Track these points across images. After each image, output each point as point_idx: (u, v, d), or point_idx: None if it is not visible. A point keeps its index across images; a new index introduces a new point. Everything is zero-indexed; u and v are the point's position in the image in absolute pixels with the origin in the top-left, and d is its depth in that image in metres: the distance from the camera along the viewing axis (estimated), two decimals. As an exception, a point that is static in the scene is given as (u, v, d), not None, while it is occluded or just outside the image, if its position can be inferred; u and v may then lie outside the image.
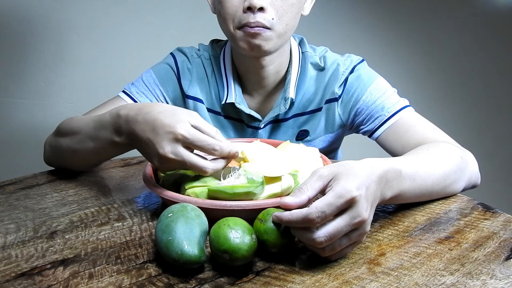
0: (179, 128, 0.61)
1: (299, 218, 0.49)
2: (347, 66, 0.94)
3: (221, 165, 0.64)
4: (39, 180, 0.82)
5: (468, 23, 2.08)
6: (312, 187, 0.52)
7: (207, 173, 0.62)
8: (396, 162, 0.61)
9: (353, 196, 0.49)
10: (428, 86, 2.11)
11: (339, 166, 0.54)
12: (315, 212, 0.48)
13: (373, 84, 0.92)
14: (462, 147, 0.80)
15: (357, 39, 1.91)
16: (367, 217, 0.51)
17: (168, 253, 0.50)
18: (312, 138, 0.98)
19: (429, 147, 0.74)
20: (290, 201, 0.51)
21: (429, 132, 0.84)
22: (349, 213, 0.50)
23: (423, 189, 0.66)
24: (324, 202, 0.49)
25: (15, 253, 0.56)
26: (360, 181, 0.51)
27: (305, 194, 0.51)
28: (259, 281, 0.50)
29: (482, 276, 0.50)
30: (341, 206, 0.49)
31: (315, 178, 0.53)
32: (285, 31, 0.85)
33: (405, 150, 0.84)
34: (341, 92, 0.94)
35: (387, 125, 0.89)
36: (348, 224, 0.50)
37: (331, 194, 0.50)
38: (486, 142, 2.15)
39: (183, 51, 1.00)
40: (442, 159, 0.71)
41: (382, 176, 0.56)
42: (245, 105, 0.95)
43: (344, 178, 0.51)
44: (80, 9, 1.55)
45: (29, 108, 1.57)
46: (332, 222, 0.50)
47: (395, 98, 0.91)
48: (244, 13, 0.81)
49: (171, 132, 0.61)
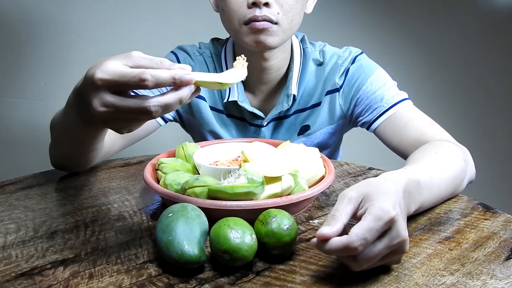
0: (97, 72, 0.49)
1: (340, 247, 0.46)
2: (346, 57, 0.95)
3: (171, 98, 0.50)
4: (39, 180, 0.82)
5: (468, 22, 2.08)
6: (345, 212, 0.48)
7: (151, 111, 0.49)
8: (412, 172, 0.60)
9: (391, 216, 0.46)
10: (428, 85, 2.11)
11: (366, 186, 0.51)
12: (357, 240, 0.45)
13: (374, 74, 0.93)
14: (458, 143, 0.80)
15: (357, 37, 1.91)
16: (406, 237, 0.48)
17: (168, 253, 0.50)
18: (313, 131, 0.98)
19: (436, 150, 0.73)
20: (327, 232, 0.46)
21: (427, 127, 0.84)
22: (389, 235, 0.47)
23: (438, 196, 0.66)
24: (365, 228, 0.46)
25: (15, 253, 0.56)
26: (393, 199, 0.49)
27: (340, 221, 0.47)
28: (259, 281, 0.50)
29: (482, 276, 0.50)
30: (382, 229, 0.46)
31: (345, 202, 0.49)
32: (290, 27, 0.86)
33: (403, 144, 0.85)
34: (342, 82, 0.94)
35: (385, 117, 0.89)
36: (387, 247, 0.47)
37: (369, 218, 0.46)
38: (486, 142, 2.15)
39: (184, 49, 1.00)
40: (450, 164, 0.71)
41: (406, 190, 0.54)
42: (247, 103, 0.95)
43: (377, 198, 0.48)
44: (80, 9, 1.55)
45: (29, 108, 1.57)
46: (372, 246, 0.47)
47: (395, 90, 0.91)
48: (249, 8, 0.82)
49: (92, 82, 0.49)
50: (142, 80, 0.48)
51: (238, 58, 0.59)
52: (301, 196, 0.62)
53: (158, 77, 0.48)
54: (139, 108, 0.49)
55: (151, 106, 0.48)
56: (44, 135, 0.90)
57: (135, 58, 0.50)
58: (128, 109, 0.49)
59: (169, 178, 0.67)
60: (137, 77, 0.48)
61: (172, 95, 0.50)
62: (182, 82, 0.49)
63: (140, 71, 0.48)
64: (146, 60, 0.51)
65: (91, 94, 0.50)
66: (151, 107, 0.48)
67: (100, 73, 0.49)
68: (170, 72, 0.49)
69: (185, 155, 0.77)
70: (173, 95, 0.50)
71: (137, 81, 0.48)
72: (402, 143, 0.85)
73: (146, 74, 0.48)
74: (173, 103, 0.50)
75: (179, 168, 0.73)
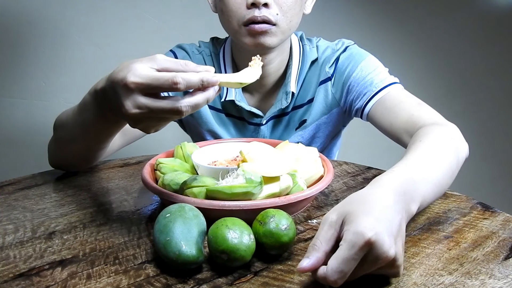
0: (129, 76, 0.53)
1: (321, 279, 0.45)
2: (339, 47, 0.96)
3: (200, 98, 0.55)
4: (38, 180, 0.82)
5: (468, 22, 2.07)
6: (325, 239, 0.47)
7: (182, 111, 0.53)
8: (402, 170, 0.58)
9: (366, 239, 0.43)
10: (428, 85, 2.11)
11: (347, 205, 0.49)
12: (332, 274, 0.44)
13: (364, 61, 0.93)
14: (447, 122, 0.78)
15: (357, 37, 1.90)
16: (393, 254, 0.45)
17: (166, 254, 0.50)
18: (309, 123, 0.98)
19: (421, 138, 0.70)
20: (306, 265, 0.45)
21: (414, 108, 0.83)
22: (369, 259, 0.45)
23: (437, 186, 0.62)
24: (339, 260, 0.44)
25: (13, 253, 0.56)
26: (373, 217, 0.46)
27: (320, 251, 0.46)
28: (257, 281, 0.50)
29: (481, 275, 0.50)
30: (358, 255, 0.44)
31: (325, 228, 0.47)
32: (289, 28, 0.86)
33: (393, 127, 0.84)
34: (333, 71, 0.95)
35: (375, 100, 0.88)
36: (370, 268, 0.45)
37: (344, 246, 0.44)
38: (486, 142, 2.14)
39: (183, 47, 1.00)
40: (439, 148, 0.68)
41: (398, 191, 0.52)
42: (245, 102, 0.95)
43: (355, 220, 0.46)
44: (80, 9, 1.55)
45: (29, 108, 1.58)
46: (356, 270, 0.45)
47: (385, 75, 0.91)
48: (248, 9, 0.82)
49: (124, 85, 0.53)
50: (175, 84, 0.52)
51: (254, 58, 0.64)
52: (300, 196, 0.62)
53: (188, 80, 0.53)
54: (172, 109, 0.53)
55: (182, 107, 0.53)
56: (43, 135, 0.90)
57: (160, 61, 0.55)
58: (161, 109, 0.53)
59: (168, 178, 0.67)
60: (169, 80, 0.52)
61: (201, 96, 0.55)
62: (209, 84, 0.55)
63: (172, 75, 0.52)
64: (171, 62, 0.55)
65: (123, 97, 0.54)
66: (182, 107, 0.53)
67: (132, 77, 0.53)
68: (198, 75, 0.54)
69: (183, 155, 0.77)
70: (201, 96, 0.55)
71: (170, 84, 0.52)
72: (392, 126, 0.84)
73: (178, 77, 0.52)
74: (202, 103, 0.55)
75: (178, 168, 0.73)
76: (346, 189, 0.76)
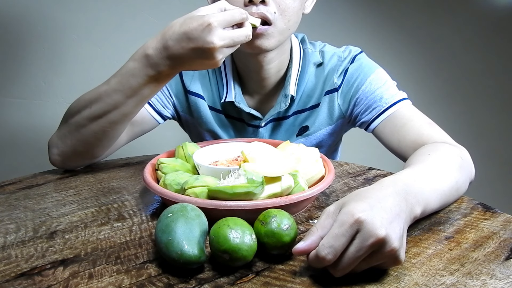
0: (208, 18, 0.65)
1: (313, 259, 0.47)
2: (346, 56, 0.95)
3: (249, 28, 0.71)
4: (39, 180, 0.82)
5: (468, 23, 2.08)
6: (321, 226, 0.49)
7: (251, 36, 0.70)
8: (406, 174, 0.59)
9: (355, 218, 0.46)
10: (428, 85, 2.11)
11: (347, 197, 0.52)
12: (323, 249, 0.46)
13: (373, 74, 0.92)
14: (457, 144, 0.80)
15: (357, 38, 1.90)
16: (383, 233, 0.46)
17: (168, 253, 0.50)
18: (312, 131, 0.98)
19: (429, 151, 0.73)
20: (301, 246, 0.48)
21: (425, 128, 0.84)
22: (360, 237, 0.46)
23: (443, 195, 0.64)
24: (330, 236, 0.47)
25: (15, 253, 0.56)
26: (366, 202, 0.48)
27: (315, 235, 0.49)
28: (259, 281, 0.50)
29: (482, 276, 0.50)
30: (348, 232, 0.46)
31: (323, 217, 0.50)
32: (288, 28, 0.84)
33: (401, 144, 0.84)
34: (340, 82, 0.94)
35: (384, 116, 0.88)
36: (361, 248, 0.46)
37: (335, 224, 0.47)
38: (486, 142, 2.15)
39: None
40: (446, 162, 0.69)
41: (398, 192, 0.53)
42: (244, 104, 0.95)
43: (347, 205, 0.49)
44: (80, 9, 1.55)
45: (29, 108, 1.57)
46: (345, 251, 0.47)
47: (394, 90, 0.91)
48: (246, 6, 0.81)
49: (206, 27, 0.65)
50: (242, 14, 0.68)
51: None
52: (301, 196, 0.62)
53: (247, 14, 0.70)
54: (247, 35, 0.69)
55: (249, 34, 0.70)
56: (44, 135, 0.90)
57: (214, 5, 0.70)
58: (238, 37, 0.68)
59: (169, 178, 0.67)
60: (238, 12, 0.68)
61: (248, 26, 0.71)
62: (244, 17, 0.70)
63: (238, 9, 0.69)
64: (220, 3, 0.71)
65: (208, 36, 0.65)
66: (249, 35, 0.70)
67: (212, 18, 0.65)
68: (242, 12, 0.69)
69: (185, 155, 0.77)
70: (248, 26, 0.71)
71: (240, 16, 0.68)
72: (400, 143, 0.84)
73: (242, 10, 0.69)
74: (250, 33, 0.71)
75: (179, 168, 0.73)
76: (347, 189, 0.76)
